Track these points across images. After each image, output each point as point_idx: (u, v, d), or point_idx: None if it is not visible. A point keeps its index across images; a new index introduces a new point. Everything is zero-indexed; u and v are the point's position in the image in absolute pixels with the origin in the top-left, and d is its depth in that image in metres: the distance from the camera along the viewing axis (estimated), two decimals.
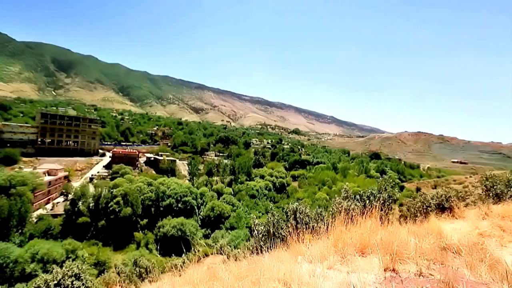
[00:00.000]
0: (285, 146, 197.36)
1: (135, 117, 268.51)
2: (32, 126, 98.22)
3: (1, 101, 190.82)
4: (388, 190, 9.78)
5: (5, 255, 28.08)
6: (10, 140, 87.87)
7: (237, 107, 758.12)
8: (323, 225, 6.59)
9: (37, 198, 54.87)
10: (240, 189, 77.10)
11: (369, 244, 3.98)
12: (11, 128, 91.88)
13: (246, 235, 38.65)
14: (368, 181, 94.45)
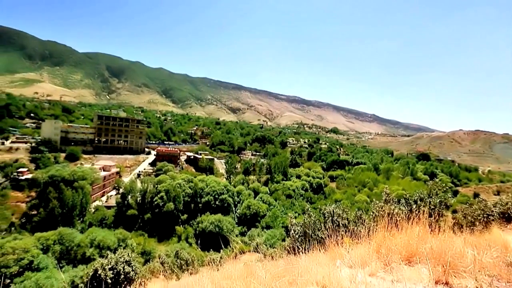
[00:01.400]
0: (322, 145, 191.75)
1: (177, 118, 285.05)
2: (91, 127, 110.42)
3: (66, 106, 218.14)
4: (440, 194, 8.89)
5: (70, 240, 32.06)
6: (74, 139, 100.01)
7: (273, 107, 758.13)
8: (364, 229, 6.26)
9: (94, 191, 61.49)
10: (276, 188, 77.02)
11: (417, 253, 3.67)
12: (74, 129, 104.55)
13: (281, 235, 38.49)
14: (415, 184, 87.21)
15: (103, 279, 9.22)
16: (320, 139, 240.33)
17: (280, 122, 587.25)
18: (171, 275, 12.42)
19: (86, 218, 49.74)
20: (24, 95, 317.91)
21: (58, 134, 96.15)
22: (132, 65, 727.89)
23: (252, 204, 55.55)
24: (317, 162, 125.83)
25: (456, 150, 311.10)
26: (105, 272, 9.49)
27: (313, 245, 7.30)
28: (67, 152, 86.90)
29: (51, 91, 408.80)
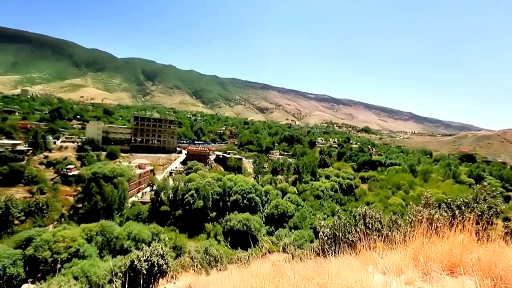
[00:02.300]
0: (353, 145, 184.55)
1: (206, 118, 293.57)
2: (128, 128, 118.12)
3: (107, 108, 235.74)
4: (488, 200, 8.06)
5: (110, 232, 34.63)
6: (113, 139, 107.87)
7: (301, 106, 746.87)
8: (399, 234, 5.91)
9: (131, 187, 65.71)
10: (305, 188, 75.78)
11: (461, 263, 3.35)
12: (114, 130, 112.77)
13: (310, 236, 37.79)
14: (458, 187, 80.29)
15: (139, 270, 9.81)
16: (351, 139, 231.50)
17: (309, 122, 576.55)
18: (200, 270, 12.79)
19: (124, 212, 53.35)
20: (72, 99, 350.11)
21: (100, 134, 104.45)
22: (165, 68, 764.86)
23: (280, 204, 55.26)
24: (347, 163, 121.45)
25: (508, 150, 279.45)
26: (140, 264, 10.09)
27: (343, 248, 7.07)
28: (108, 150, 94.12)
29: (94, 95, 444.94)
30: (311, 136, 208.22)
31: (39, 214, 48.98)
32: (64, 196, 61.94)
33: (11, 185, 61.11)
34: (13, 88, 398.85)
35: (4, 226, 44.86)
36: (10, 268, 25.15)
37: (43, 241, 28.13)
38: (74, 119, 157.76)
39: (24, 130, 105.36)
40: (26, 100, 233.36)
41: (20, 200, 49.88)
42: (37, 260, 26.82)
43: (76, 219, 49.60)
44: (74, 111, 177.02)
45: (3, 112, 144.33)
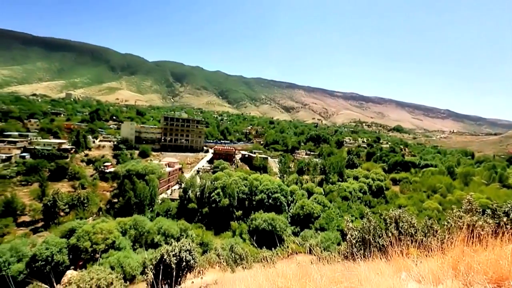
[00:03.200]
0: (383, 145, 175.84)
1: (232, 118, 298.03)
2: (158, 127, 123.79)
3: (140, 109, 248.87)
4: None
5: (142, 226, 36.60)
6: (145, 138, 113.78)
7: (328, 104, 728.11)
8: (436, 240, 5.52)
9: (161, 184, 68.79)
10: (332, 189, 73.84)
11: (509, 276, 3.03)
12: (145, 129, 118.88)
13: (337, 238, 36.71)
14: (505, 192, 73.07)
15: (168, 264, 10.25)
16: (381, 138, 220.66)
17: (336, 121, 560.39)
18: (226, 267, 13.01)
19: (154, 208, 56.04)
20: (109, 101, 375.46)
21: (133, 134, 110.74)
22: (193, 70, 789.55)
23: (306, 204, 54.41)
24: (377, 163, 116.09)
25: None
26: (169, 258, 10.53)
27: (373, 252, 6.77)
28: (140, 149, 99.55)
29: (128, 97, 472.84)
30: (338, 136, 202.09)
31: (80, 207, 53.24)
32: (101, 191, 66.66)
33: (57, 180, 67.15)
34: (59, 92, 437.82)
35: (51, 217, 49.44)
36: (57, 255, 27.65)
37: (84, 232, 30.54)
38: (111, 120, 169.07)
39: (68, 130, 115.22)
40: (69, 103, 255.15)
41: (64, 194, 54.59)
42: (79, 249, 29.17)
43: (112, 213, 53.08)
44: (111, 113, 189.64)
45: (51, 114, 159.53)
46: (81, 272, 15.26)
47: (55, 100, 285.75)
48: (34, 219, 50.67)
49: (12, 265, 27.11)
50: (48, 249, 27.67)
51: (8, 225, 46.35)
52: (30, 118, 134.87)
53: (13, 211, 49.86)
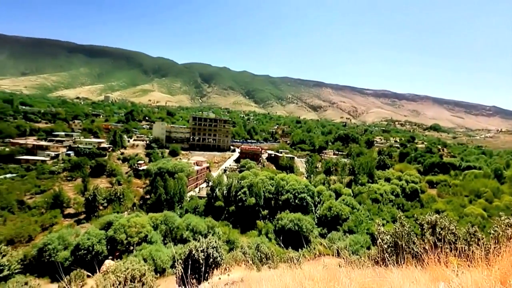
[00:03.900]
0: (418, 145, 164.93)
1: (259, 117, 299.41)
2: (187, 127, 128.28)
3: (170, 109, 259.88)
4: None
5: (172, 222, 38.24)
6: (175, 138, 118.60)
7: (358, 103, 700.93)
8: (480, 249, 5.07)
9: (189, 182, 71.20)
10: (361, 191, 71.03)
11: None
12: (175, 129, 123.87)
13: (366, 242, 35.25)
14: None
15: (196, 259, 10.58)
16: (416, 138, 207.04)
17: (366, 119, 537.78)
18: (252, 265, 13.10)
19: (183, 205, 58.19)
20: (142, 102, 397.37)
21: (164, 134, 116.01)
22: (220, 71, 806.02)
23: (334, 205, 52.93)
24: (411, 164, 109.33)
25: None
26: (198, 254, 10.86)
27: (406, 259, 6.40)
28: (170, 148, 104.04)
29: (159, 98, 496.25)
30: (368, 135, 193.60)
31: (117, 202, 57.03)
32: (135, 188, 70.75)
33: (97, 176, 72.60)
34: (98, 95, 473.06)
35: (92, 210, 53.61)
36: (97, 246, 29.93)
37: (120, 225, 32.67)
38: (144, 120, 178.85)
39: (106, 130, 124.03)
40: (107, 105, 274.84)
41: (103, 189, 58.81)
42: (116, 241, 31.29)
43: (145, 208, 56.08)
44: (143, 113, 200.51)
45: (92, 115, 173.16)
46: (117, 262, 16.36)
47: (95, 102, 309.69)
48: (77, 212, 55.33)
49: (59, 252, 29.89)
50: (90, 240, 30.06)
51: (56, 216, 51.14)
52: (74, 119, 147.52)
53: (60, 203, 54.90)
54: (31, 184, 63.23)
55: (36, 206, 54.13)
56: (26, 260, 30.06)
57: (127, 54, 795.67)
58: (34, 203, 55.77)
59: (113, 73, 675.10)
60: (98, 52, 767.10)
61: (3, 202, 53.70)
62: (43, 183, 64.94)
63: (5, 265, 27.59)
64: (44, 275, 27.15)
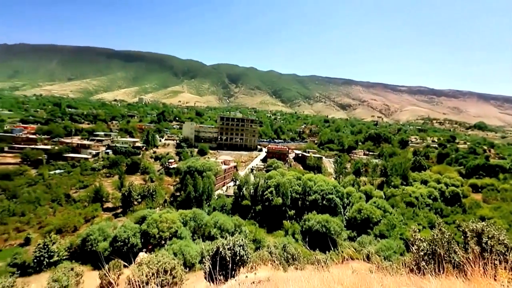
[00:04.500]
0: (460, 145, 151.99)
1: (286, 117, 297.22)
2: (215, 127, 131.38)
3: (198, 110, 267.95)
4: None
5: (200, 219, 39.46)
6: (203, 137, 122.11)
7: (390, 100, 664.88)
8: None
9: (217, 181, 72.83)
10: (394, 193, 67.27)
11: None
12: (204, 129, 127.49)
13: (399, 248, 33.28)
14: None
15: (223, 256, 10.78)
16: (457, 137, 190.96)
17: (399, 118, 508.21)
18: (278, 265, 13.03)
19: (211, 203, 59.72)
20: (172, 103, 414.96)
21: (193, 133, 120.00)
22: (247, 71, 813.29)
23: (364, 208, 50.77)
24: (451, 166, 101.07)
25: None
26: (225, 251, 11.06)
27: (446, 268, 5.95)
28: (199, 147, 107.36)
29: (189, 99, 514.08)
30: (402, 135, 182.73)
31: (150, 198, 60.25)
32: (166, 185, 74.13)
33: (132, 173, 77.30)
34: (133, 97, 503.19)
35: (128, 205, 57.24)
36: (132, 238, 31.86)
37: (153, 220, 34.44)
38: (174, 121, 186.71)
39: (140, 130, 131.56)
40: (141, 106, 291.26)
41: (137, 185, 62.52)
42: (149, 235, 33.04)
43: (175, 205, 58.51)
44: (174, 114, 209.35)
45: (128, 116, 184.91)
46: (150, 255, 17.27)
47: (130, 104, 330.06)
48: (115, 206, 59.43)
49: (100, 242, 32.33)
50: (126, 232, 32.09)
51: (97, 210, 55.48)
52: (112, 120, 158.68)
53: (100, 198, 59.43)
54: (75, 180, 69.31)
55: (80, 200, 59.23)
56: (72, 248, 33.00)
57: (159, 58, 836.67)
58: (78, 197, 61.06)
59: (147, 76, 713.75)
60: (133, 56, 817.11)
61: (53, 195, 59.55)
62: (86, 179, 70.80)
63: (55, 252, 30.60)
64: (86, 262, 29.55)
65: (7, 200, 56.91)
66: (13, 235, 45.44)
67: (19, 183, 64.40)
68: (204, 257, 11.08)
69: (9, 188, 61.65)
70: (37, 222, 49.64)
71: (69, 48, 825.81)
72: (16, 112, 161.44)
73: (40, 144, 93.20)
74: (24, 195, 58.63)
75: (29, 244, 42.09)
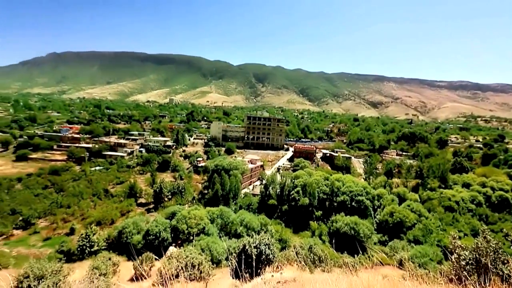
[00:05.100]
0: (510, 145, 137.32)
1: (313, 116, 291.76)
2: (242, 126, 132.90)
3: (226, 110, 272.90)
4: None
5: (227, 217, 40.17)
6: (230, 136, 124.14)
7: (427, 97, 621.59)
8: None
9: (244, 180, 73.62)
10: (431, 197, 62.79)
11: None
12: (231, 128, 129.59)
13: (437, 255, 30.97)
14: None
15: (249, 254, 10.85)
16: (506, 137, 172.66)
17: (437, 116, 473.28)
18: (304, 266, 12.80)
19: (237, 201, 60.56)
20: (201, 103, 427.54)
21: (220, 133, 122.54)
22: (274, 70, 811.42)
23: (397, 211, 48.06)
24: (499, 169, 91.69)
25: None
26: (251, 249, 11.13)
27: (492, 280, 5.41)
28: (226, 146, 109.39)
29: (216, 99, 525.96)
30: (440, 133, 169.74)
31: (179, 195, 62.71)
32: (195, 183, 76.61)
33: (163, 171, 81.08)
34: (164, 98, 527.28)
35: (159, 201, 60.16)
36: (163, 233, 33.40)
37: (182, 216, 35.80)
38: (202, 120, 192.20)
39: (171, 129, 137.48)
40: (172, 107, 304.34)
41: (168, 183, 65.40)
42: (178, 230, 34.39)
43: (203, 202, 60.25)
44: (202, 114, 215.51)
45: (159, 116, 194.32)
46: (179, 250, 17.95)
47: (162, 105, 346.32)
48: (147, 201, 62.82)
49: (134, 235, 34.37)
50: (157, 227, 33.73)
51: (131, 204, 59.10)
52: (145, 120, 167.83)
53: (135, 194, 63.18)
54: (113, 176, 74.51)
55: (116, 195, 63.52)
56: (109, 240, 35.46)
57: (188, 60, 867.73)
58: (115, 192, 65.54)
59: (177, 77, 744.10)
60: (164, 59, 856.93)
61: (94, 190, 64.60)
62: (122, 175, 75.75)
63: (95, 242, 33.14)
64: (122, 253, 31.58)
65: (56, 193, 62.96)
66: (61, 225, 50.06)
67: (66, 178, 70.95)
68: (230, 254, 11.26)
69: (57, 182, 68.21)
70: (80, 214, 54.15)
71: (108, 53, 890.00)
72: (63, 113, 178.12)
73: (83, 142, 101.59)
74: (69, 189, 64.43)
75: (74, 233, 46.11)
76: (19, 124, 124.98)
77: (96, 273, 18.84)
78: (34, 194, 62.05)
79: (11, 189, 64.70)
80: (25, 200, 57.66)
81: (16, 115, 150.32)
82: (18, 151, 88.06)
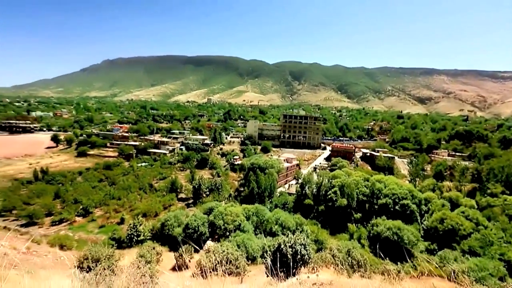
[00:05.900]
0: None
1: (352, 113, 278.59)
2: (278, 125, 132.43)
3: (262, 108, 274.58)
4: None
5: (262, 215, 40.45)
6: (266, 135, 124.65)
7: (487, 90, 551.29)
8: None
9: (279, 178, 73.30)
10: (491, 203, 55.57)
11: None
12: (267, 127, 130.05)
13: (498, 271, 27.36)
14: None
15: (285, 253, 10.78)
16: None
17: (501, 111, 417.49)
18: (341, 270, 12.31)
19: (273, 200, 60.57)
20: (237, 103, 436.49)
21: (256, 131, 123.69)
22: (310, 67, 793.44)
23: (448, 217, 43.49)
24: None
25: None
26: (286, 248, 11.04)
27: None
28: (262, 145, 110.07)
29: (252, 98, 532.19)
30: (504, 132, 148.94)
31: (216, 191, 64.93)
32: (231, 180, 78.57)
33: (201, 168, 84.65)
34: (203, 98, 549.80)
35: (197, 196, 63.00)
36: (201, 227, 34.93)
37: (219, 212, 37.00)
38: (239, 119, 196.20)
39: (209, 128, 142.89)
40: (209, 106, 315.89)
41: (206, 179, 68.13)
42: (215, 225, 35.63)
43: (239, 199, 61.50)
44: (239, 113, 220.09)
45: (198, 116, 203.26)
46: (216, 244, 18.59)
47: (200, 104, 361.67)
48: (187, 197, 66.21)
49: (175, 228, 36.53)
50: (196, 221, 35.36)
51: (172, 199, 62.90)
52: (185, 120, 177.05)
53: (175, 189, 67.11)
54: (156, 172, 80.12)
55: (159, 189, 68.13)
56: (153, 231, 38.23)
57: (225, 60, 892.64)
58: (158, 186, 70.36)
59: (214, 78, 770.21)
60: (203, 61, 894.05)
61: (140, 184, 70.17)
62: (164, 171, 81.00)
63: (141, 232, 36.01)
64: (164, 244, 33.81)
65: (109, 186, 69.85)
66: (113, 215, 55.43)
67: (117, 173, 78.35)
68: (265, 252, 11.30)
69: (110, 176, 75.61)
70: (129, 206, 59.27)
71: (152, 58, 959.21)
72: (115, 114, 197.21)
73: (131, 140, 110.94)
74: (120, 183, 70.91)
75: (123, 223, 50.68)
76: (80, 124, 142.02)
77: (142, 261, 20.46)
78: (91, 186, 69.66)
79: (74, 181, 73.63)
80: (84, 191, 65.03)
81: (78, 116, 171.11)
82: (79, 147, 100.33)
